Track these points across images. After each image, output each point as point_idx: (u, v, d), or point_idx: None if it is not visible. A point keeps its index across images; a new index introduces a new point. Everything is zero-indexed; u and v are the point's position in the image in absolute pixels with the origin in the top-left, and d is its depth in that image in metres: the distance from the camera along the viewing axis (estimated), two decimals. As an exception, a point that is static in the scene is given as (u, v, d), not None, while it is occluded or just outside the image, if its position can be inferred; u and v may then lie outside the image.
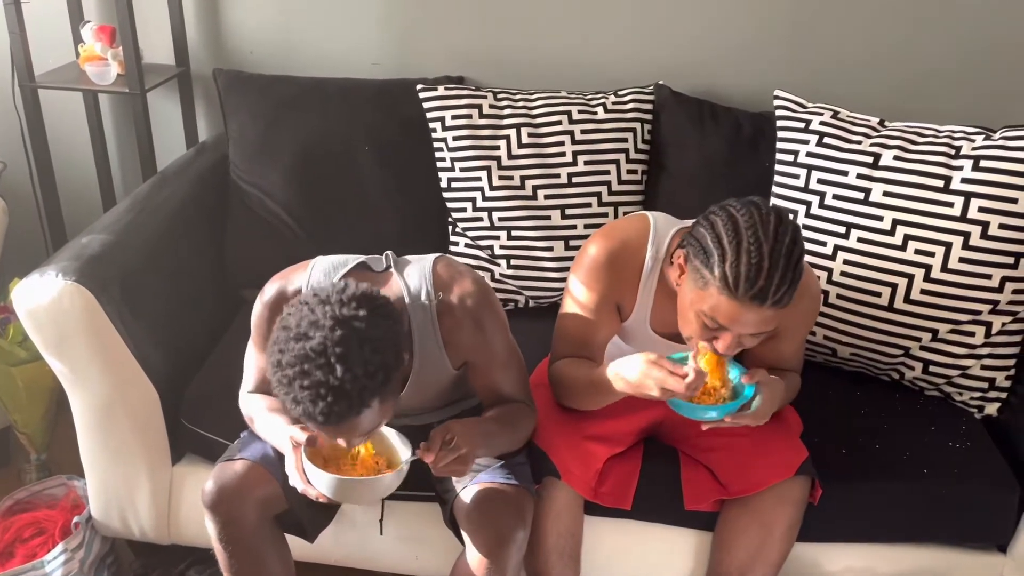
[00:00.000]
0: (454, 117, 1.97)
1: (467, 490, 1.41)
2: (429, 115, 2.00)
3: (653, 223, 1.52)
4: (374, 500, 1.31)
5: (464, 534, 1.41)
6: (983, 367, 1.71)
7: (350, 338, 1.14)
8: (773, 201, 1.84)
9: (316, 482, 1.27)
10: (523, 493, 1.42)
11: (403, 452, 1.33)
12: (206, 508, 1.40)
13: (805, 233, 1.77)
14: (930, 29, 2.00)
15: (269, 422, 1.41)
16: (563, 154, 1.95)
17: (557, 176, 1.95)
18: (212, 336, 1.90)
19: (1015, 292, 1.66)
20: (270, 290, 1.40)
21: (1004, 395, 1.72)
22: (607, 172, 1.95)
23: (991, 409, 1.73)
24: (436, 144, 2.00)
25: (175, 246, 1.87)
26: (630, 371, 1.37)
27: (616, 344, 1.62)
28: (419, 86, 2.01)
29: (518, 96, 2.01)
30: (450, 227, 2.05)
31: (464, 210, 2.00)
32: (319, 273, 1.40)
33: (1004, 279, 1.66)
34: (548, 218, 1.95)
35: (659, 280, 1.50)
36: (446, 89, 2.00)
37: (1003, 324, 1.68)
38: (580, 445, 1.54)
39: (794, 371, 1.61)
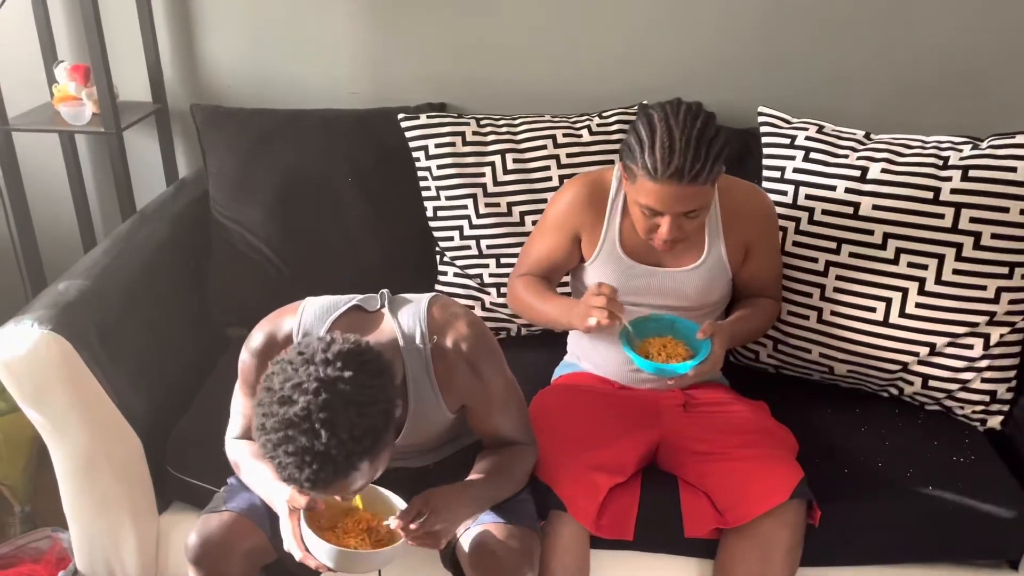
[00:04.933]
0: (437, 145, 1.95)
1: (468, 533, 1.36)
2: (412, 144, 1.97)
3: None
4: (375, 571, 1.27)
5: None
6: (983, 380, 1.68)
7: (335, 402, 1.09)
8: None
9: (316, 552, 1.23)
10: (528, 534, 1.38)
11: (397, 502, 1.29)
12: (190, 563, 1.36)
13: (795, 250, 1.75)
14: (911, 41, 1.99)
15: (257, 472, 1.36)
16: (549, 179, 1.93)
17: (544, 201, 1.91)
18: (197, 378, 1.85)
19: (1011, 303, 1.64)
20: (257, 337, 1.35)
21: (1007, 408, 1.70)
22: (594, 195, 1.93)
23: (994, 422, 1.71)
24: (420, 173, 1.98)
25: (155, 287, 1.83)
26: (580, 302, 1.55)
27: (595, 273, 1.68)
28: (400, 115, 1.99)
29: (501, 122, 1.99)
30: (437, 256, 2.02)
31: (451, 239, 1.97)
32: (310, 317, 1.35)
33: (999, 289, 1.64)
34: (536, 244, 1.92)
35: (624, 204, 1.64)
36: (428, 117, 1.98)
37: (1001, 335, 1.66)
38: (584, 476, 1.51)
39: (772, 297, 1.73)
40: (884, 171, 1.71)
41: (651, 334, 1.59)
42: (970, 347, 1.67)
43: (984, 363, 1.67)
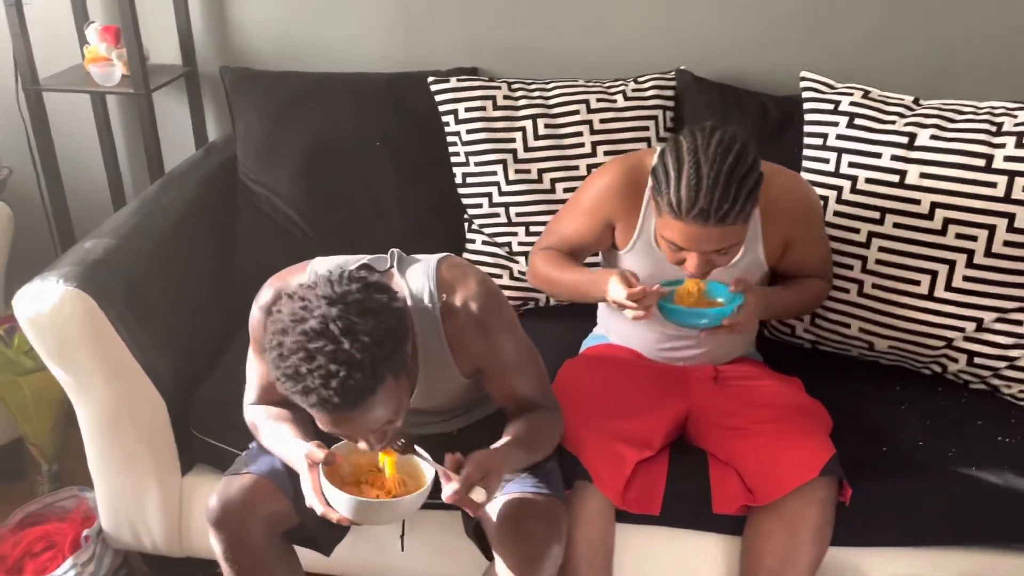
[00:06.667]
0: (467, 109, 1.90)
1: (496, 502, 1.33)
2: (441, 108, 1.93)
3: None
4: (397, 521, 1.25)
5: (494, 550, 1.33)
6: (1033, 357, 1.61)
7: (350, 310, 1.09)
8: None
9: (337, 504, 1.21)
10: (556, 503, 1.34)
11: (426, 469, 1.27)
12: (210, 525, 1.34)
13: (836, 220, 1.68)
14: (962, 3, 1.90)
15: (277, 435, 1.34)
16: (582, 145, 1.87)
17: (576, 168, 1.87)
18: (221, 342, 1.84)
19: (1065, 277, 1.57)
20: (266, 294, 1.33)
21: (1056, 387, 1.62)
22: (628, 162, 1.87)
23: (1042, 402, 1.63)
24: (449, 138, 1.93)
25: (182, 249, 1.82)
26: (606, 276, 1.48)
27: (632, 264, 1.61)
28: (430, 78, 1.95)
29: (533, 86, 1.94)
30: (466, 224, 1.98)
31: (480, 206, 1.92)
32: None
33: (1053, 263, 1.56)
34: (567, 212, 1.87)
35: None
36: (458, 81, 1.93)
37: (1053, 311, 1.59)
38: (609, 447, 1.47)
39: (821, 277, 1.64)
40: (933, 137, 1.63)
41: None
42: (1019, 323, 1.60)
43: (1034, 340, 1.60)
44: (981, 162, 1.58)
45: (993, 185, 1.57)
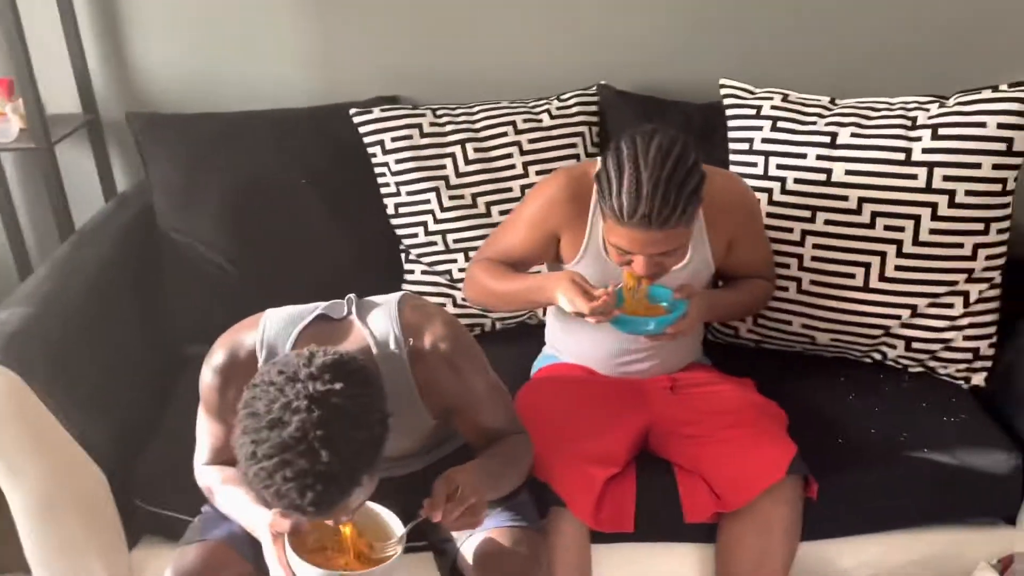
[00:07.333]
0: (394, 139, 1.87)
1: (471, 540, 1.30)
2: (367, 139, 1.89)
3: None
4: None
5: None
6: (965, 337, 1.68)
7: (330, 418, 1.03)
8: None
9: None
10: (534, 534, 1.32)
11: (393, 526, 1.21)
12: None
13: (770, 221, 1.72)
14: (869, 4, 1.98)
15: (234, 500, 1.27)
16: (512, 166, 1.87)
17: (510, 190, 1.86)
18: (158, 402, 1.74)
19: (988, 258, 1.64)
20: (219, 355, 1.26)
21: (989, 364, 1.70)
22: (560, 180, 1.87)
23: (978, 379, 1.71)
24: (378, 169, 1.89)
25: (104, 310, 1.71)
26: (556, 283, 1.47)
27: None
28: (352, 110, 1.90)
29: (458, 111, 1.92)
30: (403, 255, 1.94)
31: (416, 236, 1.89)
32: (272, 329, 1.26)
33: (976, 246, 1.63)
34: (505, 235, 1.86)
35: None
36: (381, 111, 1.89)
37: (980, 292, 1.66)
38: (578, 469, 1.46)
39: (764, 277, 1.68)
40: (854, 135, 1.69)
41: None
42: (951, 306, 1.67)
43: (965, 321, 1.67)
44: (901, 156, 1.65)
45: (914, 177, 1.64)
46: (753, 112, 1.79)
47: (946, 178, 1.62)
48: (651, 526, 1.52)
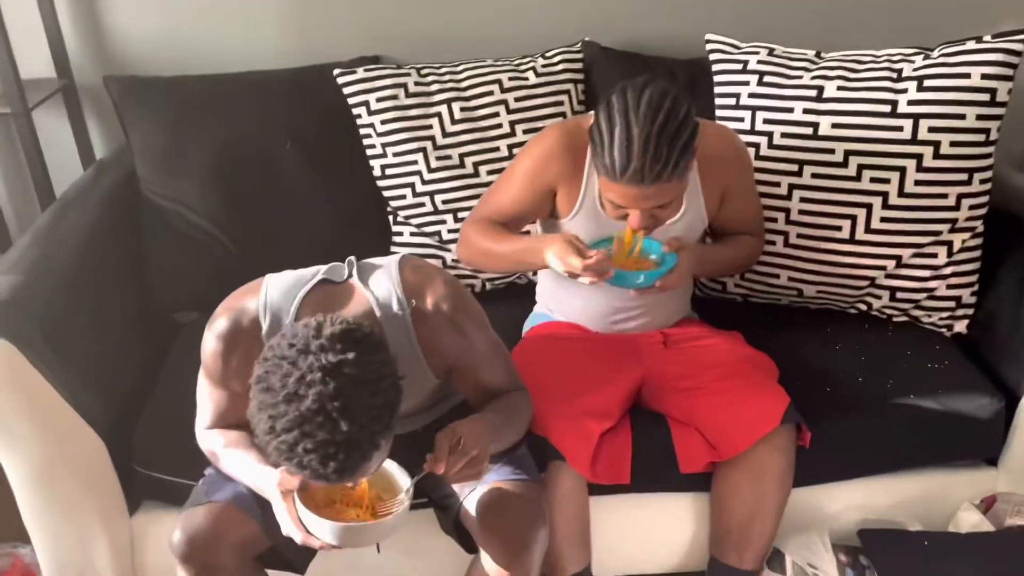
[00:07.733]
0: (379, 100, 1.85)
1: (474, 494, 1.32)
2: (351, 100, 1.86)
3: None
4: (384, 540, 1.21)
5: (479, 543, 1.32)
6: (948, 286, 1.72)
7: (346, 388, 1.04)
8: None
9: (319, 532, 1.16)
10: (535, 487, 1.34)
11: (400, 478, 1.23)
12: (178, 560, 1.27)
13: (758, 176, 1.72)
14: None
15: (240, 462, 1.28)
16: (499, 125, 1.85)
17: (497, 149, 1.85)
18: (152, 368, 1.73)
19: (971, 208, 1.67)
20: (221, 322, 1.26)
21: (971, 311, 1.74)
22: (548, 138, 1.86)
23: (960, 327, 1.75)
24: (363, 131, 1.87)
25: (92, 277, 1.69)
26: (551, 244, 1.46)
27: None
28: (336, 70, 1.88)
29: (443, 70, 1.90)
30: (390, 217, 1.93)
31: (403, 197, 1.88)
32: (275, 295, 1.26)
33: (960, 196, 1.66)
34: (494, 194, 1.85)
35: None
36: (365, 71, 1.87)
37: (963, 241, 1.69)
38: (575, 423, 1.48)
39: (753, 234, 1.68)
40: (840, 88, 1.70)
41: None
42: (934, 255, 1.70)
43: (948, 270, 1.71)
44: (887, 108, 1.66)
45: (900, 129, 1.65)
46: (739, 67, 1.79)
47: (931, 129, 1.64)
48: (647, 477, 1.55)
